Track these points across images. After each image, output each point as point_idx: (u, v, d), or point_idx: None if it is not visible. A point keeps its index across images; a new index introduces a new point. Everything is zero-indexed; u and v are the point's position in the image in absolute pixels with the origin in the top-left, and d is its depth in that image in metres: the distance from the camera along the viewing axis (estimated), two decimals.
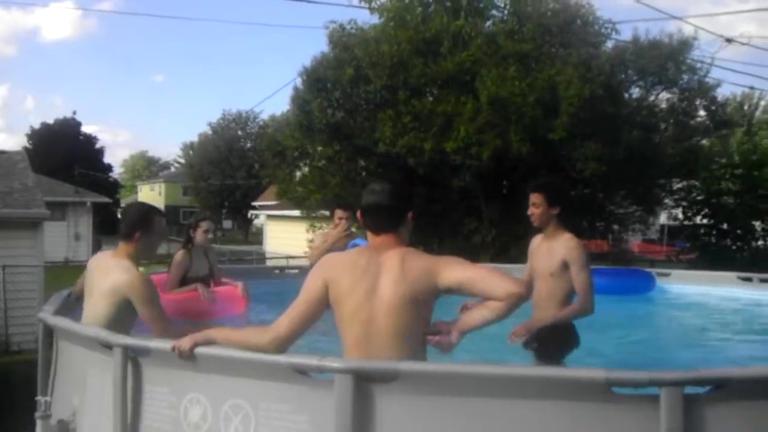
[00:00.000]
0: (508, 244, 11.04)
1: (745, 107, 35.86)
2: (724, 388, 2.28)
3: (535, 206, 3.83)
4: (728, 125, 13.44)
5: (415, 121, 10.23)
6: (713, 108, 12.43)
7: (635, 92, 12.23)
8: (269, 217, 30.90)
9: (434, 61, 10.76)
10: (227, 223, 61.74)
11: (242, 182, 51.64)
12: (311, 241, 13.19)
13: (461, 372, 2.34)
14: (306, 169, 12.39)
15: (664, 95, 12.26)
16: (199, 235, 5.41)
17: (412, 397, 2.32)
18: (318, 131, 11.23)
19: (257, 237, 46.20)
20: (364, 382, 2.31)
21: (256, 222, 52.12)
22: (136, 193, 73.60)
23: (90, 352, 3.03)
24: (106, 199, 37.65)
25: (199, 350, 2.57)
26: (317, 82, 11.58)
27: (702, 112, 12.48)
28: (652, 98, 12.28)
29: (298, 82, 11.93)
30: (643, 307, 7.32)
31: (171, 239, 39.74)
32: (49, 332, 3.51)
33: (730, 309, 7.19)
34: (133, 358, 2.78)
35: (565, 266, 3.73)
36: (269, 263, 26.49)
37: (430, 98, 11.18)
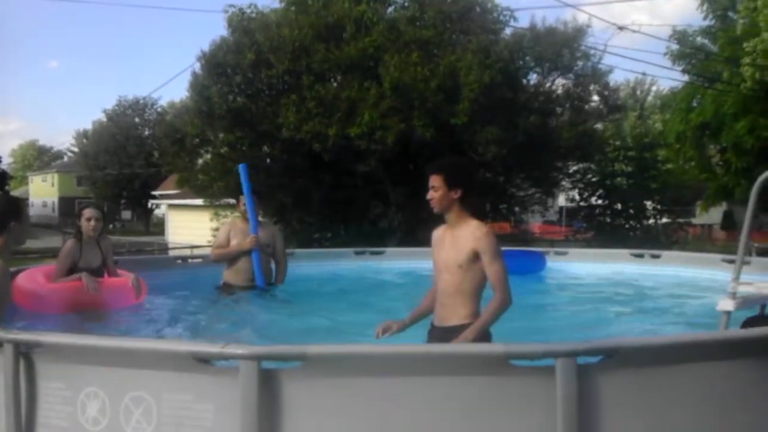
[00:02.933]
0: (414, 228, 11.21)
1: (638, 92, 37.77)
2: (614, 357, 2.40)
3: (434, 189, 3.44)
4: (620, 110, 14.11)
5: (320, 107, 10.18)
6: (606, 93, 13.01)
7: (533, 78, 12.68)
8: (171, 206, 30.04)
9: (337, 47, 10.74)
10: (126, 214, 59.50)
11: (141, 171, 49.84)
12: (216, 230, 12.92)
13: (366, 352, 2.36)
14: (208, 157, 12.08)
15: (560, 81, 12.77)
16: (83, 224, 5.20)
17: (319, 381, 2.32)
18: (219, 118, 10.97)
19: (159, 228, 44.84)
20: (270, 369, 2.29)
21: (157, 212, 50.55)
22: (27, 184, 69.87)
23: None
24: None
25: (96, 342, 2.48)
26: (217, 67, 11.32)
27: (596, 97, 13.07)
28: (548, 84, 12.75)
29: (197, 67, 11.63)
30: (541, 286, 7.60)
31: (66, 232, 38.02)
32: None
33: (622, 284, 7.58)
34: (24, 353, 2.64)
35: (475, 257, 3.37)
36: (172, 254, 25.77)
37: (334, 84, 11.17)
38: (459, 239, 3.43)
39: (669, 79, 50.10)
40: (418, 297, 3.85)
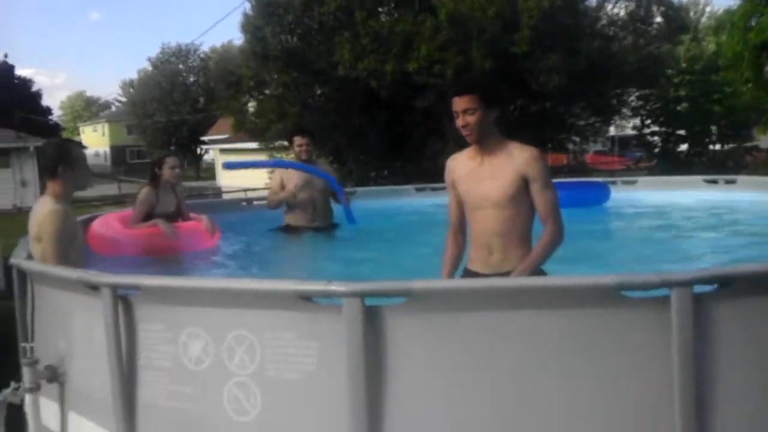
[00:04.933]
0: None
1: (691, 14, 36.09)
2: (730, 286, 2.28)
3: (469, 113, 2.91)
4: (686, 30, 13.44)
5: (374, 43, 9.96)
6: (670, 13, 12.37)
7: (593, 1, 12.10)
8: (221, 151, 30.30)
9: None
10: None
11: (188, 117, 50.43)
12: (272, 172, 12.92)
13: (471, 287, 2.28)
14: (261, 98, 12.00)
15: (622, 3, 12.17)
16: (166, 172, 5.36)
17: (423, 316, 2.27)
18: (273, 59, 10.85)
19: (209, 173, 45.69)
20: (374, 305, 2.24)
21: (207, 157, 51.27)
22: (79, 134, 71.38)
23: (72, 295, 2.89)
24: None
25: (196, 284, 2.47)
26: (268, 6, 11.16)
27: (659, 19, 12.43)
28: (610, 7, 12.20)
29: (247, 8, 11.47)
30: (613, 218, 7.38)
31: (120, 179, 38.91)
32: (23, 277, 3.36)
33: (698, 210, 7.33)
34: (122, 297, 2.65)
35: (524, 184, 2.93)
36: (235, 197, 26.14)
37: (388, 18, 10.87)
38: (502, 167, 2.97)
39: None
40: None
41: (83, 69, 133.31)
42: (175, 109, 51.22)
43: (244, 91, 11.48)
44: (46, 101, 59.75)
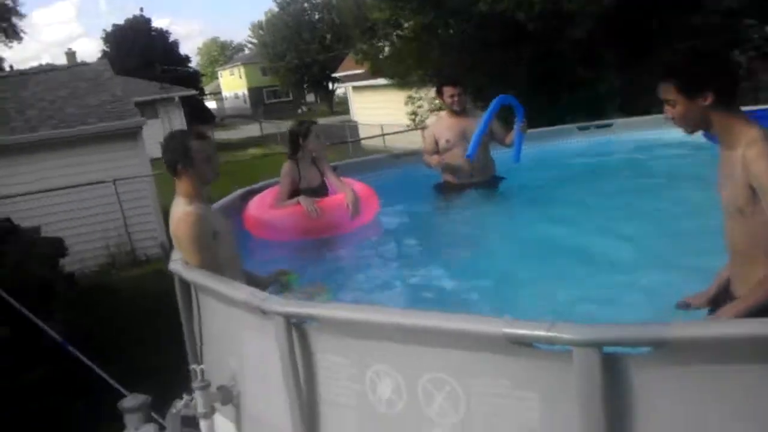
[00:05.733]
0: (636, 94, 9.94)
1: None
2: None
3: (670, 104, 2.34)
4: None
5: None
6: None
7: None
8: (354, 88, 30.02)
9: None
10: (310, 97, 61.83)
11: (319, 56, 51.02)
12: (413, 114, 12.49)
13: (751, 334, 1.74)
14: (397, 43, 11.35)
15: None
16: (311, 143, 4.98)
17: (676, 366, 1.77)
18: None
19: (342, 107, 46.19)
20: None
21: (339, 92, 51.91)
22: (217, 78, 73.88)
23: (240, 313, 2.61)
24: (191, 91, 37.93)
25: (377, 317, 2.11)
26: None
27: None
28: None
29: None
30: None
31: (260, 121, 39.99)
32: (186, 287, 3.13)
33: None
34: (297, 325, 2.33)
35: (755, 194, 2.21)
36: (363, 133, 26.13)
37: None
38: (733, 167, 2.28)
39: None
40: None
41: (214, 15, 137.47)
42: (305, 48, 51.98)
43: (379, 36, 10.90)
44: (183, 50, 62.29)
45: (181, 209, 2.97)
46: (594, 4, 8.83)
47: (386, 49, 11.41)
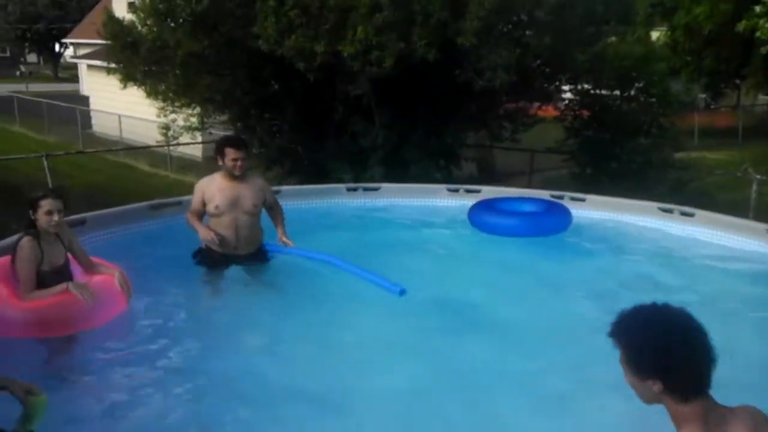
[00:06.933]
0: (399, 147, 10.11)
1: None
2: None
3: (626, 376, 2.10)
4: (632, 22, 12.60)
5: (304, 16, 8.47)
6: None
7: None
8: (90, 67, 26.53)
9: None
10: (32, 57, 55.69)
11: (48, 13, 46.19)
12: (165, 128, 11.36)
13: None
14: (161, 71, 10.11)
15: None
16: (41, 218, 3.97)
17: None
18: (180, 22, 9.13)
19: (68, 72, 42.21)
20: None
21: (68, 54, 46.92)
22: None
23: None
24: None
25: None
26: None
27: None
28: None
29: None
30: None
31: None
32: None
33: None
34: None
35: None
36: (98, 120, 22.93)
37: None
38: None
39: None
40: None
41: None
42: (31, 0, 46.66)
43: (142, 55, 9.64)
44: None
45: None
46: (376, 66, 8.58)
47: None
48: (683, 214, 7.14)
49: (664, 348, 1.90)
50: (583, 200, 7.71)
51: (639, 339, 1.94)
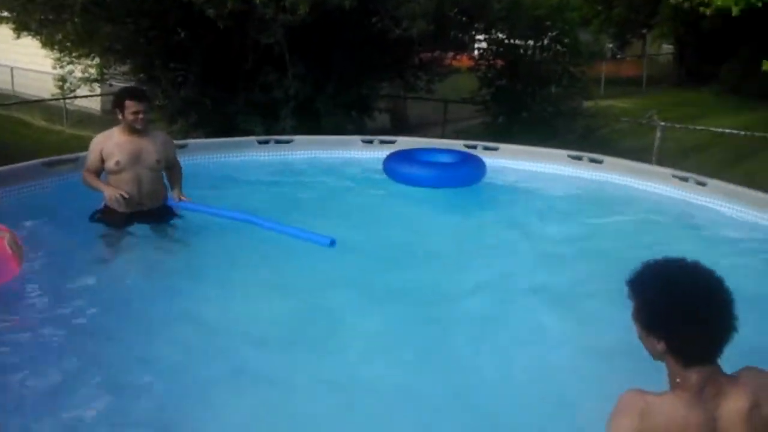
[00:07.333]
0: (312, 98, 9.91)
1: None
2: None
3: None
4: None
5: None
6: None
7: None
8: None
9: None
10: None
11: None
12: (61, 79, 10.74)
13: None
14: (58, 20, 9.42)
15: None
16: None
17: None
18: None
19: None
20: None
21: None
22: None
23: None
24: None
25: None
26: None
27: None
28: None
29: None
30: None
31: None
32: None
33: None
34: None
35: None
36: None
37: None
38: None
39: None
40: None
41: None
42: None
43: (36, 4, 8.96)
44: None
45: None
46: (289, 14, 8.32)
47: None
48: (592, 160, 7.38)
49: (682, 312, 1.77)
50: (496, 149, 7.83)
51: (657, 297, 1.82)
